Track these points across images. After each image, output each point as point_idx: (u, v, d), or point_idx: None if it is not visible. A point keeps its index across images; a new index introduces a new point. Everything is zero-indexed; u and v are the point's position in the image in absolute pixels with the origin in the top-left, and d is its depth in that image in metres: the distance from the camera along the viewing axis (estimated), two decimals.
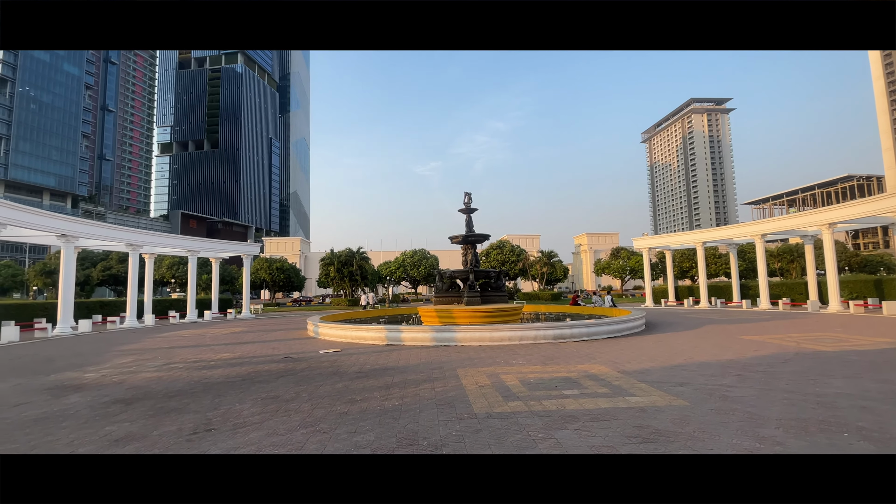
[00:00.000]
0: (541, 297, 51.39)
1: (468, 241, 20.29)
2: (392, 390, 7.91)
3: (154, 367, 11.41)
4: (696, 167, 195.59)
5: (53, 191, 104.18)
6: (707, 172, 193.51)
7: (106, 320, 28.39)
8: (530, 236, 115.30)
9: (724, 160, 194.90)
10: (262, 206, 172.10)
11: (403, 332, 14.82)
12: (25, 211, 22.08)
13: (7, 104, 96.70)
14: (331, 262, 55.44)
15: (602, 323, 15.74)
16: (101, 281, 57.51)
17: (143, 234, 31.64)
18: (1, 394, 8.48)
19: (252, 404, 7.18)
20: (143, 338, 19.70)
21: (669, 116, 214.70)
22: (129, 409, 7.01)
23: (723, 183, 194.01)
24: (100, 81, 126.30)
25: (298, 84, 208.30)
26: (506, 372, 9.35)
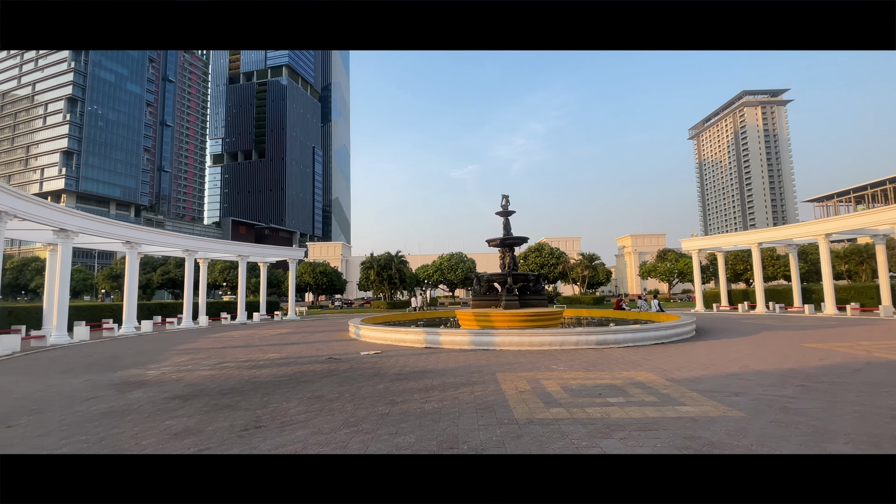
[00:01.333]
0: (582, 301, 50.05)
1: (506, 244, 20.11)
2: (431, 393, 7.95)
3: (208, 365, 12.07)
4: (750, 163, 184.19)
5: (119, 201, 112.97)
6: (762, 169, 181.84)
7: (165, 321, 30.37)
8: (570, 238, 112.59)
9: (780, 155, 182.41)
10: (306, 213, 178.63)
11: (442, 336, 14.88)
12: (95, 220, 24.07)
13: (78, 122, 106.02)
14: (370, 265, 56.64)
15: (648, 328, 15.12)
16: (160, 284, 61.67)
17: (198, 240, 33.65)
18: (74, 389, 9.24)
19: (298, 403, 7.44)
20: (198, 338, 20.89)
21: (719, 111, 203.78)
22: (186, 405, 7.46)
23: (780, 179, 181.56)
24: (159, 98, 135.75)
25: (339, 94, 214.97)
26: (546, 377, 9.17)
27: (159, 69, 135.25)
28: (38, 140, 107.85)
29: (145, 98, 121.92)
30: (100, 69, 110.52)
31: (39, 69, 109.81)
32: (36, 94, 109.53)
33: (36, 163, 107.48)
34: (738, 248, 42.86)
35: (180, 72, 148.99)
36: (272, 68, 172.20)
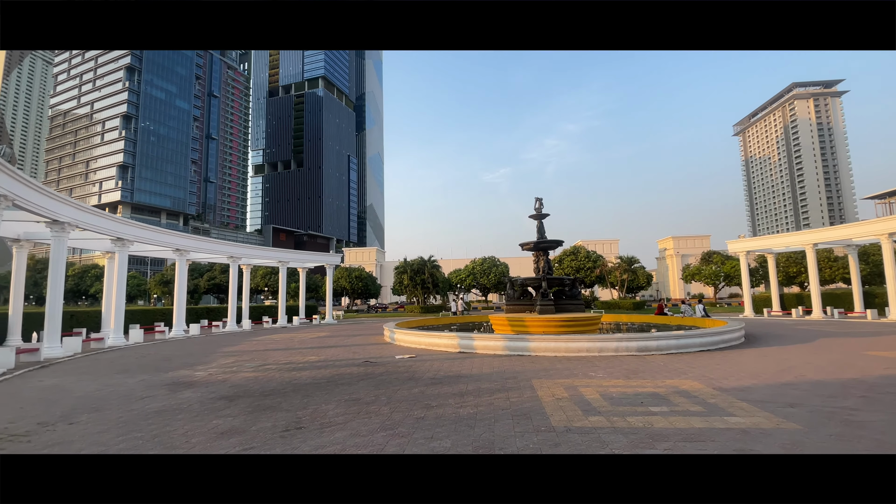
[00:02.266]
0: (621, 306, 48.49)
1: (540, 248, 19.82)
2: (466, 398, 7.92)
3: (251, 367, 12.54)
4: (803, 159, 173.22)
5: (169, 211, 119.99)
6: (816, 165, 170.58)
7: (211, 324, 31.84)
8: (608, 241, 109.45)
9: (836, 150, 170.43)
10: (342, 219, 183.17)
11: (475, 341, 14.81)
12: (148, 229, 25.63)
13: (132, 138, 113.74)
14: (404, 270, 57.29)
15: (693, 334, 14.46)
16: (206, 290, 64.83)
17: (242, 247, 35.15)
18: (130, 388, 9.82)
19: (336, 405, 7.59)
20: (242, 341, 21.77)
21: (767, 105, 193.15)
22: (231, 406, 7.77)
23: (836, 176, 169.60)
24: (204, 113, 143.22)
25: (373, 103, 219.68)
26: (585, 385, 8.94)
27: (205, 85, 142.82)
28: (96, 155, 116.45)
29: (192, 113, 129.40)
30: (151, 87, 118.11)
31: (97, 89, 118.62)
32: (94, 112, 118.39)
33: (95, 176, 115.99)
34: (790, 250, 40.35)
35: (224, 87, 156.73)
36: (309, 80, 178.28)
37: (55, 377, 11.55)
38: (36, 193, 15.16)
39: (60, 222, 16.86)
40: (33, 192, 14.95)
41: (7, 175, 13.08)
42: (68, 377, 11.51)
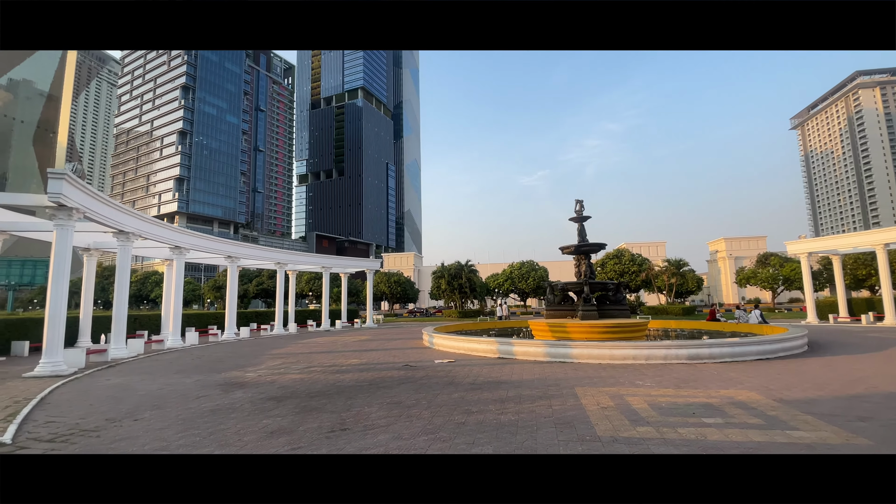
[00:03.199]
0: (669, 312, 46.36)
1: (581, 252, 19.32)
2: (507, 404, 7.82)
3: (297, 369, 12.98)
4: (870, 152, 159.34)
5: (220, 220, 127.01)
6: (885, 158, 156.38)
7: (260, 328, 33.29)
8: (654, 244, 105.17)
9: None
10: (381, 225, 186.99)
11: (515, 346, 14.61)
12: (203, 238, 27.21)
13: (187, 152, 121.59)
14: (441, 275, 57.54)
15: (750, 342, 13.59)
16: (255, 294, 67.90)
17: (288, 253, 36.62)
18: (187, 387, 10.42)
19: (378, 408, 7.71)
20: (288, 344, 22.59)
21: (827, 95, 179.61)
22: (279, 406, 8.07)
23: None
24: (252, 126, 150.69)
25: (410, 111, 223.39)
26: (631, 394, 8.60)
27: (252, 100, 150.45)
28: (155, 169, 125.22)
29: (241, 127, 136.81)
30: (204, 104, 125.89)
31: (156, 108, 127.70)
32: (153, 129, 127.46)
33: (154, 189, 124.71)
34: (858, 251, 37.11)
35: (270, 101, 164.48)
36: (349, 91, 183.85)
37: (121, 376, 12.44)
38: (104, 206, 16.47)
39: (125, 232, 18.21)
40: (102, 205, 16.25)
41: (79, 190, 14.31)
42: (132, 376, 12.37)
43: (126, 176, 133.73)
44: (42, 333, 13.48)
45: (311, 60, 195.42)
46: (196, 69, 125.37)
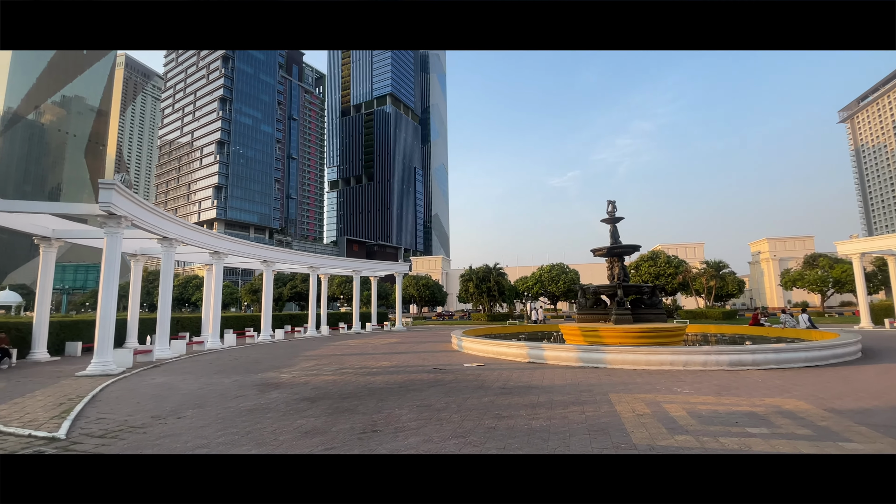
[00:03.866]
0: (708, 316, 44.49)
1: (614, 254, 18.84)
2: (538, 410, 7.69)
3: (330, 371, 13.23)
4: None
5: (256, 226, 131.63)
6: None
7: (294, 330, 34.17)
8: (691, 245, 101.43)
9: None
10: (409, 229, 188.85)
11: (546, 351, 14.37)
12: (240, 243, 28.24)
13: (225, 161, 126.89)
14: (469, 278, 57.40)
15: (797, 347, 12.85)
16: (289, 297, 69.88)
17: (320, 257, 37.47)
18: (226, 387, 10.80)
19: (409, 410, 7.75)
20: (321, 345, 23.07)
21: (879, 86, 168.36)
22: (313, 407, 8.24)
23: None
24: (285, 135, 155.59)
25: (437, 115, 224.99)
26: (669, 401, 8.29)
27: (285, 110, 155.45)
28: (196, 178, 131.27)
29: (275, 136, 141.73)
30: (240, 115, 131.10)
31: (196, 119, 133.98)
32: (194, 140, 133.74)
33: (195, 197, 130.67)
34: None
35: (302, 110, 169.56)
36: (377, 98, 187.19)
37: (165, 376, 13.04)
38: (149, 214, 17.36)
39: (169, 239, 19.12)
40: (147, 213, 17.14)
41: (127, 199, 15.14)
42: (175, 376, 12.93)
43: (169, 185, 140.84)
44: (93, 334, 14.31)
45: (341, 69, 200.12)
46: (233, 81, 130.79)
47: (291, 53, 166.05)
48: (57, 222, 18.23)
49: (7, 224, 16.41)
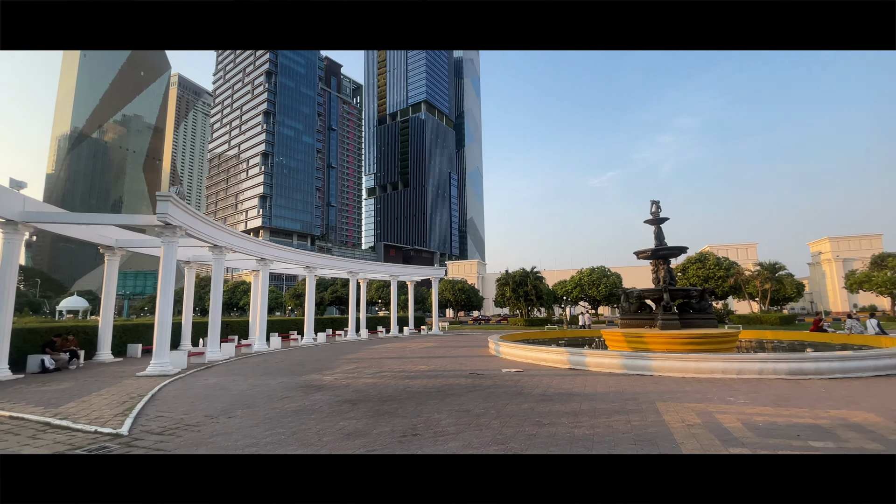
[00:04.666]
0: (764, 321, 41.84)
1: (659, 256, 18.09)
2: (581, 418, 7.49)
3: (369, 374, 13.47)
4: None
5: (299, 233, 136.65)
6: None
7: (335, 333, 35.08)
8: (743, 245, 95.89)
9: None
10: (444, 234, 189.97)
11: (588, 357, 13.98)
12: (285, 250, 29.39)
13: (269, 172, 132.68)
14: (506, 282, 56.79)
15: (865, 355, 11.84)
16: (330, 302, 71.94)
17: (359, 263, 38.38)
18: (272, 389, 11.21)
19: (448, 415, 7.75)
20: (360, 349, 23.55)
21: None
22: (354, 409, 8.41)
23: None
24: (325, 145, 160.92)
25: (471, 119, 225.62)
26: (721, 411, 7.84)
27: (325, 121, 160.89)
28: (243, 188, 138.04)
29: (315, 146, 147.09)
30: (283, 127, 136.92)
31: (242, 133, 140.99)
32: (241, 152, 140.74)
33: (242, 206, 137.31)
34: None
35: (340, 121, 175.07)
36: (412, 105, 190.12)
37: (216, 377, 13.71)
38: (202, 223, 18.38)
39: (219, 246, 20.17)
40: (200, 223, 18.16)
41: (182, 210, 16.12)
42: (226, 377, 13.57)
43: (218, 195, 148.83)
44: (152, 337, 15.28)
45: (377, 79, 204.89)
46: (275, 95, 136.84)
47: (330, 66, 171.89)
48: (119, 233, 19.67)
49: (77, 235, 17.89)
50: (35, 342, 15.63)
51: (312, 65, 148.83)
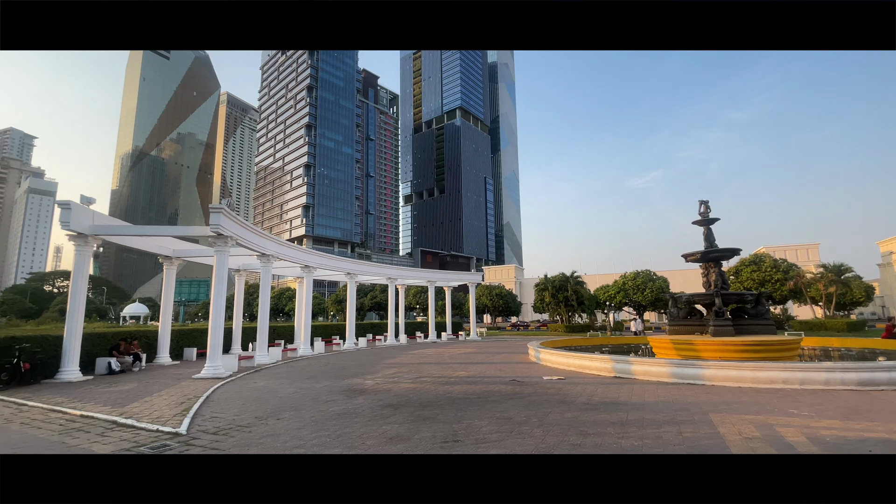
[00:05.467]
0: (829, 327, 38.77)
1: (709, 259, 17.20)
2: (628, 428, 7.21)
3: (409, 379, 13.60)
4: None
5: (339, 241, 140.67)
6: None
7: (375, 338, 35.72)
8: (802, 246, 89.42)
9: None
10: (480, 239, 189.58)
11: (634, 365, 13.45)
12: (327, 258, 30.36)
13: (312, 182, 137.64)
14: (545, 287, 55.75)
15: None
16: (370, 307, 73.42)
17: (397, 269, 38.97)
18: (317, 392, 11.54)
19: (489, 422, 7.69)
20: (400, 354, 23.83)
21: None
22: (396, 413, 8.51)
23: None
24: (364, 155, 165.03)
25: (507, 124, 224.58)
26: (783, 424, 7.32)
27: (363, 131, 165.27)
28: (287, 199, 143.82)
29: (355, 157, 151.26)
30: (324, 139, 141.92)
31: (286, 146, 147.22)
32: (285, 165, 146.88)
33: (286, 216, 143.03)
34: None
35: (378, 130, 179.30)
36: (447, 113, 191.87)
37: (265, 380, 14.28)
38: (251, 233, 19.31)
39: (267, 255, 21.09)
40: (249, 233, 19.08)
41: (232, 221, 17.01)
42: (273, 380, 14.11)
43: (264, 206, 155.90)
44: (206, 342, 16.15)
45: (413, 88, 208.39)
46: (316, 109, 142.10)
47: (367, 78, 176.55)
48: (176, 243, 20.99)
49: (138, 246, 19.30)
50: (102, 346, 16.89)
51: (350, 78, 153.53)
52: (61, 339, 14.72)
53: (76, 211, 14.98)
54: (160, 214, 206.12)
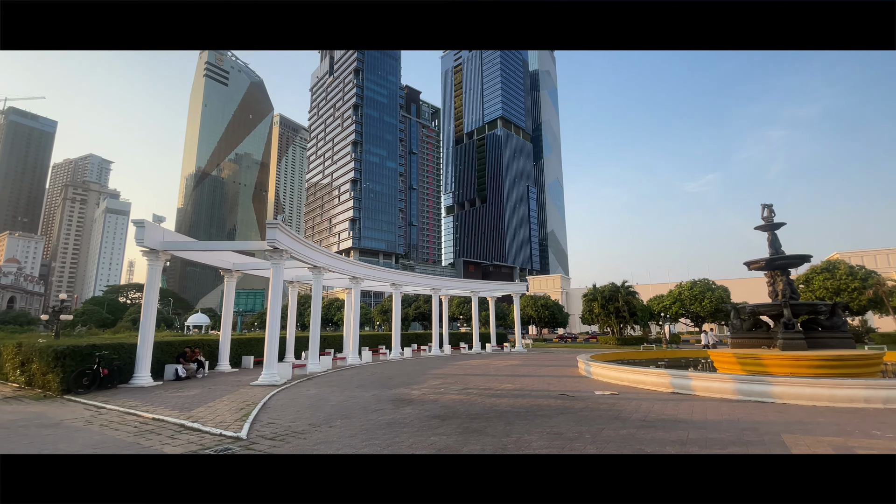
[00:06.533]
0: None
1: (775, 266, 15.99)
2: (689, 448, 6.80)
3: (456, 390, 13.57)
4: None
5: (384, 252, 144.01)
6: None
7: (420, 348, 36.00)
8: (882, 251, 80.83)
9: None
10: (524, 248, 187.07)
11: (693, 380, 12.69)
12: (374, 269, 31.15)
13: (358, 196, 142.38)
14: (594, 297, 53.92)
15: None
16: (414, 317, 74.22)
17: (441, 279, 39.24)
18: (366, 401, 11.77)
19: (538, 437, 7.51)
20: (445, 364, 23.84)
21: None
22: (443, 425, 8.51)
23: None
24: (407, 168, 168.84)
25: (549, 131, 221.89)
26: (865, 447, 6.63)
27: (406, 145, 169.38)
28: (335, 213, 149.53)
29: (398, 170, 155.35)
30: (369, 154, 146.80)
31: (334, 163, 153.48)
32: (333, 180, 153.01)
33: (335, 229, 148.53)
34: None
35: (420, 144, 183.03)
36: (488, 123, 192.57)
37: (317, 388, 14.76)
38: (303, 247, 20.19)
39: (318, 267, 21.96)
40: (302, 246, 19.97)
41: (287, 235, 17.89)
42: (325, 389, 14.56)
43: (314, 220, 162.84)
44: (262, 350, 16.96)
45: (454, 101, 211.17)
46: (362, 126, 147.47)
47: (410, 93, 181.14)
48: (235, 257, 22.34)
49: (201, 260, 20.71)
50: (170, 353, 18.15)
51: (393, 94, 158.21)
52: (135, 346, 15.98)
53: (149, 229, 16.34)
54: (220, 230, 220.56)
